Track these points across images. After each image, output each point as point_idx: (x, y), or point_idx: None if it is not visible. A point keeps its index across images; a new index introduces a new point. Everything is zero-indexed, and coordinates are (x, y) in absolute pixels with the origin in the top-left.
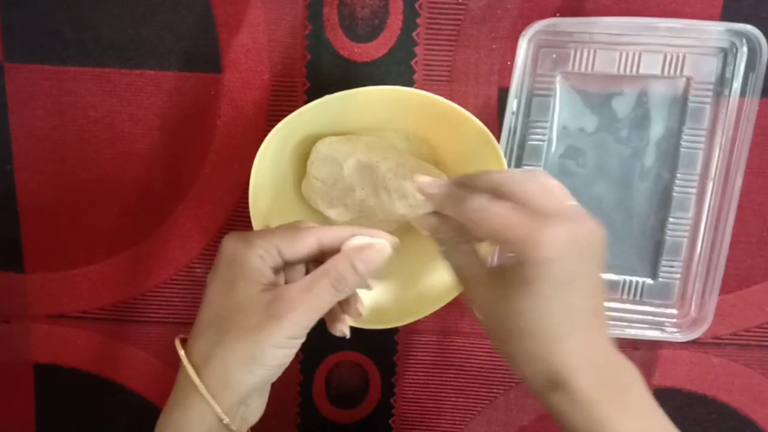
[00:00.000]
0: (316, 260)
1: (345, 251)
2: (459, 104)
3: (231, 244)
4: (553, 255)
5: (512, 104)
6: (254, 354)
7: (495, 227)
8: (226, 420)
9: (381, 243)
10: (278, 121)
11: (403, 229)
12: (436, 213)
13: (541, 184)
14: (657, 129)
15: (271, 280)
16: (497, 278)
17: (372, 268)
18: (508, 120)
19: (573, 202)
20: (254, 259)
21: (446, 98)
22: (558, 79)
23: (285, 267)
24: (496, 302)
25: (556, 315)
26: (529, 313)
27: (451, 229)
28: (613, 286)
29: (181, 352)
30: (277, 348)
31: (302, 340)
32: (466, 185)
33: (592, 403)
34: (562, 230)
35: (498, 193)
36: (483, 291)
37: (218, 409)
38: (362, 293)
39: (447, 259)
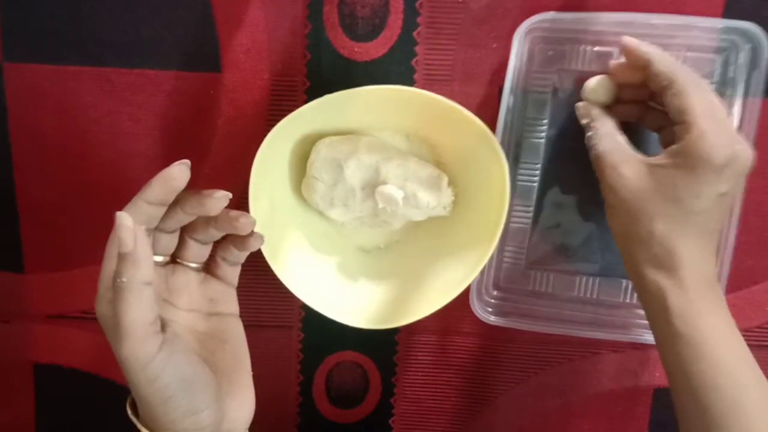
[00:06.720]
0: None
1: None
2: (459, 104)
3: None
4: (724, 162)
5: (508, 100)
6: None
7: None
8: None
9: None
10: (278, 121)
11: (404, 230)
12: (594, 105)
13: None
14: None
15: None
16: (659, 167)
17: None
18: (503, 116)
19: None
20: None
21: (446, 98)
22: (555, 76)
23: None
24: (651, 187)
25: (696, 216)
26: (679, 205)
27: (612, 119)
28: (614, 286)
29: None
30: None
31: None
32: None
33: (692, 291)
34: (741, 148)
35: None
36: (635, 168)
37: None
38: (358, 294)
39: (596, 145)
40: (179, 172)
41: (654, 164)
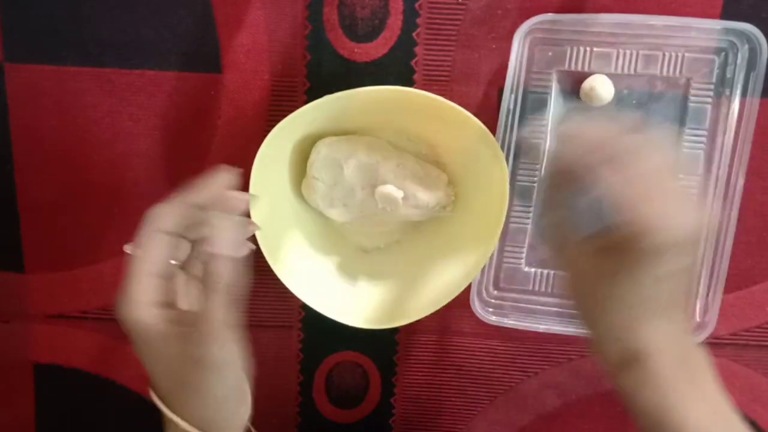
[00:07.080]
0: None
1: None
2: (459, 104)
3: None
4: (664, 255)
5: (508, 101)
6: None
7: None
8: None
9: None
10: (278, 121)
11: (404, 230)
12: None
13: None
14: (657, 129)
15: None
16: (599, 250)
17: None
18: (504, 116)
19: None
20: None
21: (446, 98)
22: (554, 77)
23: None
24: (593, 271)
25: (647, 301)
26: (625, 293)
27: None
28: None
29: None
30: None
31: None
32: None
33: (664, 380)
34: (677, 228)
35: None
36: (580, 258)
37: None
38: (358, 294)
39: (546, 220)
40: (228, 180)
41: (598, 248)
